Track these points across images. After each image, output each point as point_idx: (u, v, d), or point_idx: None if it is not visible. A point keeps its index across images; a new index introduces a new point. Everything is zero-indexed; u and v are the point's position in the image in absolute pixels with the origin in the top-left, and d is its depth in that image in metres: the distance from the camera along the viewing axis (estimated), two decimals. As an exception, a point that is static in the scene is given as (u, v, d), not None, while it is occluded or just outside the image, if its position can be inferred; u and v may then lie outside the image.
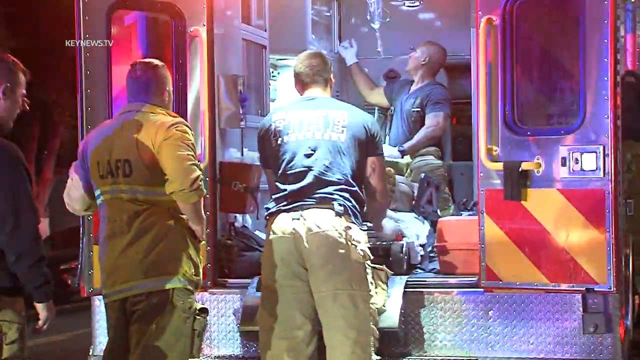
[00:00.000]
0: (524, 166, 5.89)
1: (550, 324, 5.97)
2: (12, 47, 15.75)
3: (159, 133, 5.04)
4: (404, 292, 6.14)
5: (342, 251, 5.46)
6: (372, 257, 5.64)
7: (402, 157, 7.72)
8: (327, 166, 5.56)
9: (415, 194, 7.04)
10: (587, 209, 5.81)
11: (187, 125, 5.15)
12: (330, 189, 5.55)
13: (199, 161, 5.14)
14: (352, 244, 5.49)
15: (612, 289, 5.77)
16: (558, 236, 5.86)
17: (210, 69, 6.54)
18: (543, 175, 5.89)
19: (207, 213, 6.29)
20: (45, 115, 20.69)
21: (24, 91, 5.04)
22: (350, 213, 5.55)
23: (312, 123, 5.63)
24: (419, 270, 6.69)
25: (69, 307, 15.38)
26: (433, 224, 6.89)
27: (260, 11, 7.83)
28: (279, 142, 5.66)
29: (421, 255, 6.72)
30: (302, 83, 5.84)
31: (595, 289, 5.79)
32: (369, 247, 5.62)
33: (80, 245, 6.31)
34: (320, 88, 5.81)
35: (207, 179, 6.34)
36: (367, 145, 5.67)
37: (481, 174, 6.04)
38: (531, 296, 5.99)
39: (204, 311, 5.15)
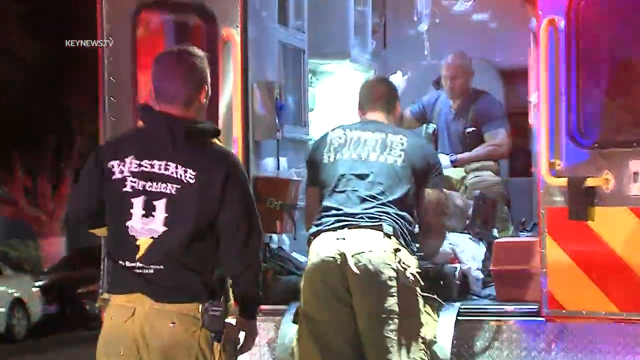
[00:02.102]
0: (591, 182, 5.82)
1: (620, 358, 5.88)
2: (28, 51, 15.88)
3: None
4: (457, 320, 6.07)
5: (390, 274, 5.45)
6: (422, 284, 5.61)
7: (455, 167, 7.64)
8: (378, 188, 5.64)
9: (470, 212, 6.98)
10: (662, 230, 5.72)
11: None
12: (379, 209, 5.59)
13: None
14: (401, 267, 5.49)
15: (690, 319, 5.69)
16: (629, 260, 5.78)
17: (244, 75, 6.54)
18: (612, 192, 5.82)
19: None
20: (63, 125, 20.84)
21: None
22: (400, 234, 5.57)
23: (369, 144, 5.76)
24: (474, 297, 6.63)
25: (87, 334, 15.46)
26: (489, 246, 6.83)
27: (299, 11, 7.84)
28: (331, 159, 5.79)
29: (482, 281, 6.66)
30: (362, 108, 6.02)
31: (671, 319, 5.71)
32: (419, 272, 5.58)
33: (101, 267, 6.29)
34: (382, 114, 5.95)
35: (240, 195, 6.32)
36: (425, 175, 5.78)
37: (542, 191, 5.97)
38: (599, 326, 5.90)
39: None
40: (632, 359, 5.85)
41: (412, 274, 5.54)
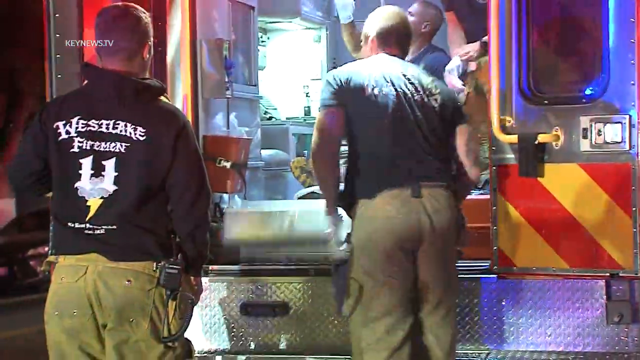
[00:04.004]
0: (541, 138, 5.85)
1: (570, 314, 5.95)
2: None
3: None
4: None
5: (455, 234, 5.41)
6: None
7: None
8: (432, 136, 5.41)
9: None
10: (611, 186, 5.79)
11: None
12: (437, 160, 5.41)
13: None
14: (464, 226, 5.45)
15: (638, 275, 5.75)
16: (579, 216, 5.84)
17: (192, 33, 6.52)
18: (562, 149, 5.86)
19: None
20: (11, 85, 20.62)
21: None
22: (455, 191, 5.47)
23: (410, 86, 5.43)
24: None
25: (37, 297, 15.39)
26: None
27: (248, -33, 7.78)
28: (375, 91, 5.38)
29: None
30: (384, 43, 5.60)
31: (620, 275, 5.78)
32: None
33: (50, 229, 6.26)
34: (402, 52, 5.66)
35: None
36: (454, 112, 5.57)
37: (493, 148, 6.01)
38: (549, 283, 5.97)
39: None
40: (582, 314, 5.93)
41: (466, 233, 5.46)
